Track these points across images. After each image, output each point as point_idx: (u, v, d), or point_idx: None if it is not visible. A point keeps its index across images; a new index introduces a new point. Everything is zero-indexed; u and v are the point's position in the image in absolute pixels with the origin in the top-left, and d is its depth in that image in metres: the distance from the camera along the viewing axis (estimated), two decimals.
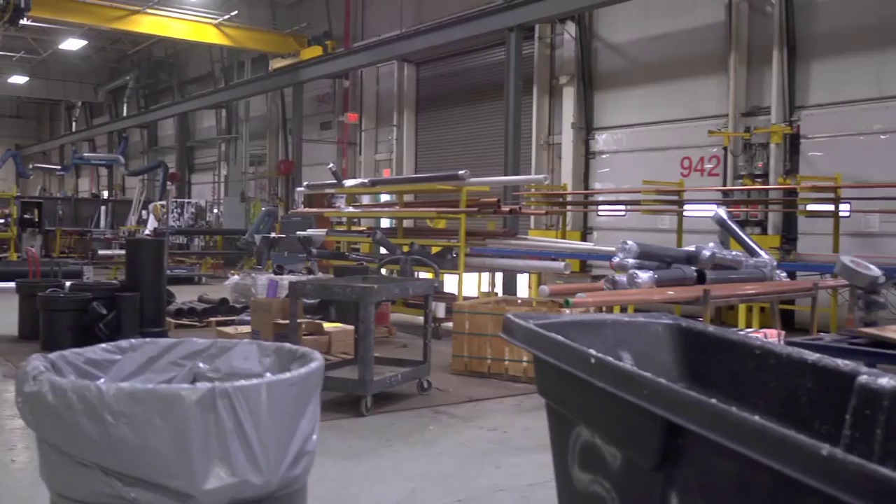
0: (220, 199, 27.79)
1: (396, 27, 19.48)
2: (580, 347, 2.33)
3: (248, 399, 1.72)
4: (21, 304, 9.39)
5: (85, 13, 20.57)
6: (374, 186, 11.49)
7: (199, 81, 30.28)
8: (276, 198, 24.63)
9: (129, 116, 33.64)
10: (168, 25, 21.58)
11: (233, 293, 11.53)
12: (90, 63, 34.04)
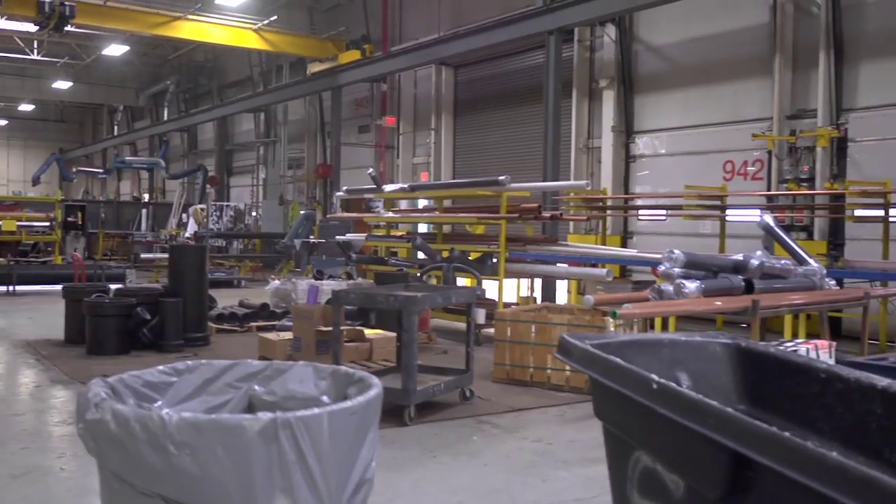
0: (258, 202, 28.02)
1: (434, 31, 19.48)
2: (641, 372, 2.28)
3: (309, 429, 1.70)
4: (67, 308, 9.52)
5: (127, 20, 20.87)
6: (414, 191, 11.48)
7: (238, 85, 30.56)
8: (313, 201, 24.75)
9: (170, 120, 34.06)
10: (208, 31, 21.81)
11: (273, 298, 11.58)
12: (132, 68, 34.53)
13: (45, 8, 18.27)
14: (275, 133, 27.98)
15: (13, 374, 7.89)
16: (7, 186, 47.10)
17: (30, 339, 9.72)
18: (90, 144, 44.97)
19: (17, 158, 48.38)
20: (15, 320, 11.56)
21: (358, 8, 22.61)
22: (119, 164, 33.61)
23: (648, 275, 12.24)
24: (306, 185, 25.92)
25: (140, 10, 21.03)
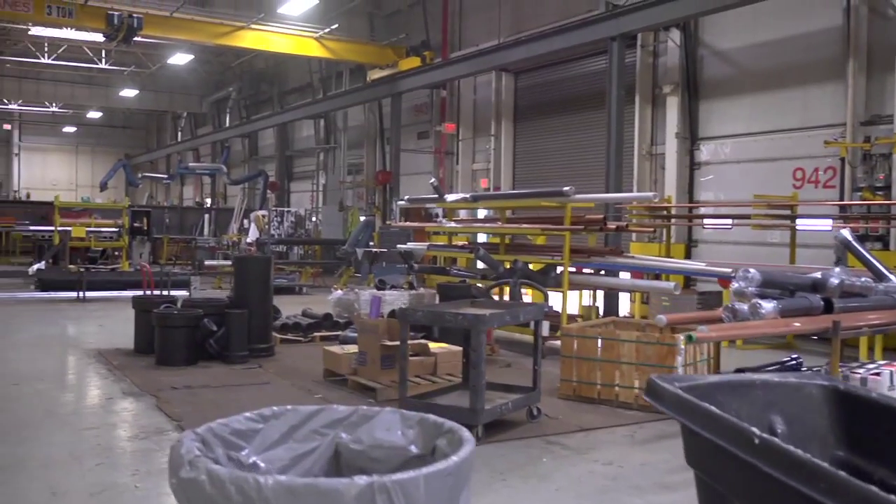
0: (318, 207, 28.28)
1: (494, 37, 19.42)
2: (741, 424, 2.18)
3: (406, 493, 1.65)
4: (137, 318, 9.70)
5: (192, 30, 21.27)
6: (476, 202, 11.42)
7: (298, 92, 30.92)
8: (373, 206, 24.88)
9: (232, 127, 34.63)
10: (270, 40, 22.11)
11: (335, 308, 11.63)
12: (195, 75, 35.21)
13: (115, 20, 18.75)
14: (334, 139, 28.22)
15: (86, 384, 8.06)
16: (76, 191, 48.48)
17: (100, 347, 9.92)
18: (155, 150, 46.00)
19: (85, 164, 49.77)
20: (86, 328, 11.83)
21: (418, 14, 22.66)
22: (182, 170, 34.23)
23: (714, 284, 11.99)
24: (365, 190, 26.06)
25: (204, 21, 21.42)
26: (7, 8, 18.70)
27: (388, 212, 22.43)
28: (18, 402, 6.99)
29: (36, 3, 18.88)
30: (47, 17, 19.25)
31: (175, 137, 44.29)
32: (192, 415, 6.61)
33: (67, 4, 19.10)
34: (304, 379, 8.22)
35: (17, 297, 15.56)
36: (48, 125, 46.95)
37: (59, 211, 20.51)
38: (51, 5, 18.94)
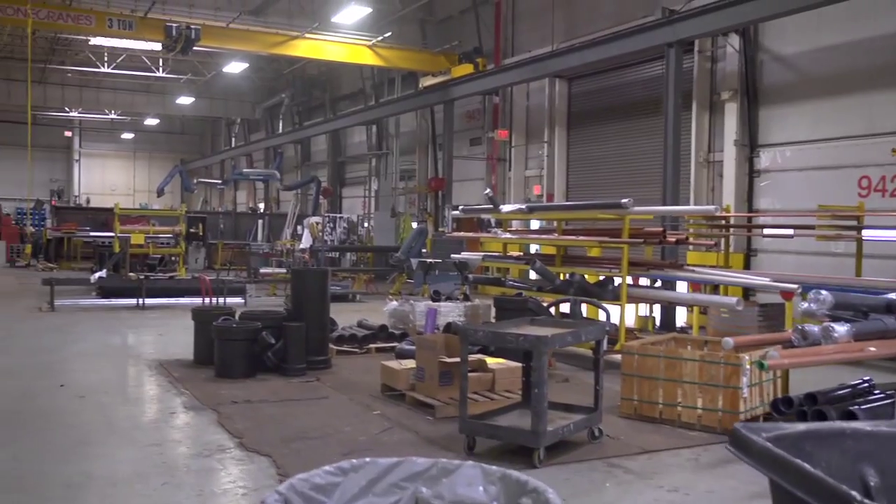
0: (370, 213, 28.43)
1: (548, 42, 19.29)
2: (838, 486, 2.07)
3: None
4: (196, 330, 9.82)
5: (248, 41, 21.58)
6: (532, 213, 11.32)
7: (350, 98, 31.13)
8: (424, 212, 24.92)
9: (285, 133, 35.02)
10: (324, 49, 22.31)
11: (390, 318, 11.64)
12: (249, 82, 35.70)
13: (173, 32, 19.11)
14: (386, 145, 28.35)
15: (148, 397, 8.17)
16: (133, 196, 49.55)
17: (161, 358, 10.07)
18: (209, 156, 46.76)
19: (142, 170, 50.83)
20: (146, 337, 12.02)
21: (470, 20, 22.64)
22: (237, 175, 34.77)
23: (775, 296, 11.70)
24: (417, 196, 26.12)
25: (260, 31, 21.73)
26: (70, 22, 19.21)
27: (441, 218, 22.44)
28: (84, 417, 7.11)
29: (98, 17, 19.35)
30: (108, 29, 19.72)
31: (229, 143, 44.97)
32: (253, 431, 6.65)
33: (128, 17, 19.55)
34: (361, 393, 8.22)
35: (80, 303, 15.87)
36: (107, 132, 48.07)
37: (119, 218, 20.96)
38: (112, 18, 19.40)
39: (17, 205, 42.55)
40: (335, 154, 32.19)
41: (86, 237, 28.40)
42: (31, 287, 19.40)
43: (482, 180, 22.69)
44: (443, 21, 24.73)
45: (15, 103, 36.48)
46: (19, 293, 18.40)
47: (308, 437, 6.54)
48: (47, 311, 14.76)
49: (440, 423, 7.06)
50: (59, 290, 15.61)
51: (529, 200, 20.74)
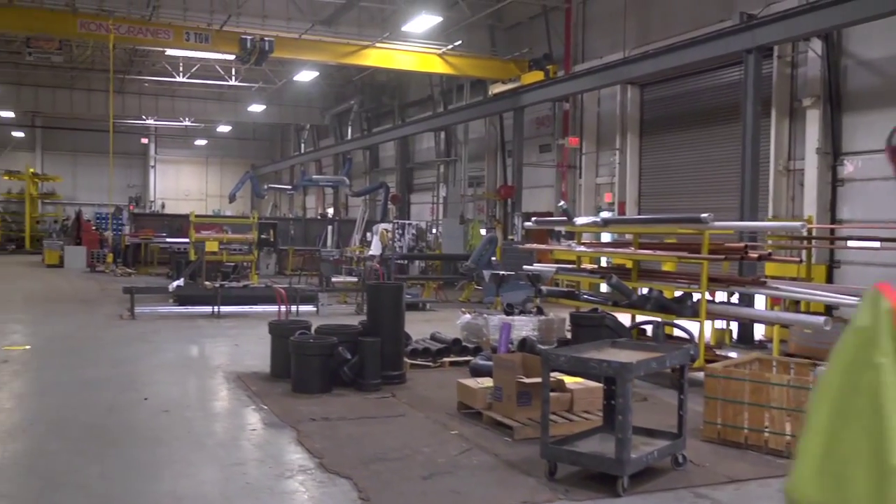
0: (438, 219, 28.47)
1: (619, 48, 19.04)
2: None
3: None
4: (273, 343, 9.95)
5: (320, 51, 21.85)
6: (607, 226, 11.15)
7: (419, 104, 31.25)
8: (493, 219, 24.85)
9: (354, 139, 35.32)
10: (394, 58, 22.45)
11: (463, 331, 11.62)
12: (318, 89, 36.13)
13: (248, 44, 19.46)
14: (455, 152, 28.36)
15: (229, 413, 8.29)
16: (206, 201, 50.70)
17: (238, 370, 10.22)
18: (279, 161, 47.47)
19: (214, 175, 51.96)
20: (223, 348, 12.22)
21: (539, 26, 22.51)
22: (306, 181, 35.17)
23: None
24: (486, 203, 26.06)
25: (331, 42, 21.98)
26: (150, 36, 19.75)
27: (510, 226, 22.34)
28: (169, 432, 7.24)
29: (175, 31, 19.85)
30: (186, 42, 20.21)
31: (298, 149, 45.60)
32: (333, 451, 6.69)
33: (204, 31, 19.99)
34: (437, 411, 8.20)
35: (158, 311, 16.25)
36: (181, 138, 49.27)
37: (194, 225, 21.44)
38: (189, 32, 19.87)
39: (95, 210, 43.95)
40: (403, 160, 32.33)
41: (162, 243, 29.12)
42: (112, 293, 19.96)
43: (552, 187, 22.52)
44: (512, 27, 24.63)
45: (95, 113, 37.69)
46: (101, 300, 18.94)
47: (387, 458, 6.54)
48: (128, 319, 15.14)
49: (519, 445, 6.99)
50: (139, 297, 15.99)
51: (600, 208, 20.51)
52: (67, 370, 10.15)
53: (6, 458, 6.48)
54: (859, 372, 1.44)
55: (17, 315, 16.02)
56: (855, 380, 1.44)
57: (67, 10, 19.72)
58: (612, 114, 20.01)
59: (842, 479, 1.39)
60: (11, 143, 46.30)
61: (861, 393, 1.43)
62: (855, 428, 1.41)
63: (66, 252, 31.09)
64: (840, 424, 1.42)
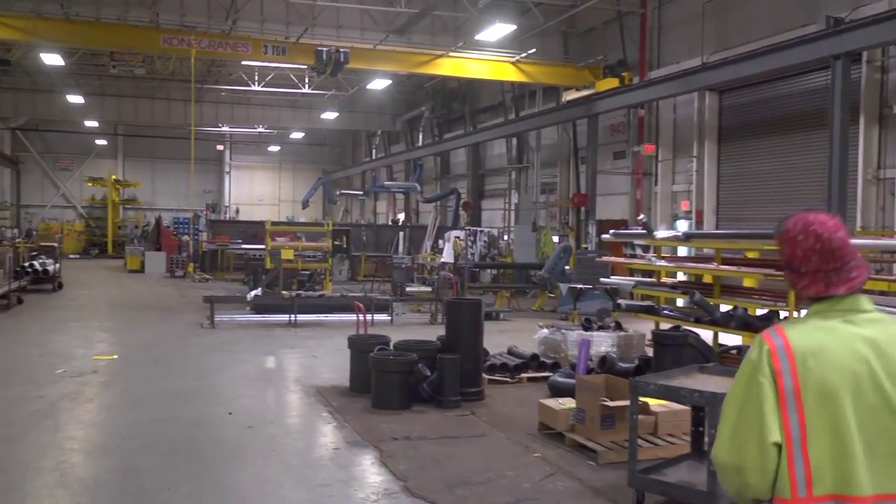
0: (509, 226, 28.36)
1: (697, 53, 18.63)
2: None
3: None
4: (353, 358, 10.03)
5: (394, 61, 22.02)
6: (689, 240, 10.90)
7: (490, 110, 31.17)
8: (566, 227, 24.62)
9: (425, 146, 35.43)
10: (468, 67, 22.46)
11: (541, 346, 11.52)
12: (389, 95, 36.37)
13: (323, 56, 19.71)
14: (527, 158, 28.20)
15: (312, 430, 8.37)
16: (279, 206, 51.54)
17: (318, 384, 10.34)
18: (350, 167, 47.94)
19: (287, 181, 52.79)
20: (302, 360, 12.38)
21: (614, 31, 22.21)
22: (378, 188, 35.47)
23: None
24: (558, 210, 25.84)
25: (405, 52, 22.10)
26: (229, 49, 20.20)
27: (584, 234, 22.10)
28: (255, 450, 7.35)
29: (254, 44, 20.25)
30: (264, 55, 20.60)
31: (369, 154, 45.99)
32: (416, 473, 6.69)
33: (281, 44, 20.33)
34: (518, 431, 8.14)
35: (237, 319, 16.58)
36: (255, 145, 50.20)
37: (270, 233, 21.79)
38: (266, 45, 20.25)
39: (173, 214, 45.17)
40: (475, 166, 32.28)
41: (238, 250, 29.72)
42: (192, 300, 20.48)
43: (626, 195, 22.20)
44: (585, 33, 24.37)
45: (174, 122, 38.72)
46: (181, 307, 19.42)
47: (471, 482, 6.51)
48: (208, 328, 15.47)
49: (603, 470, 6.89)
50: (217, 305, 16.31)
51: (677, 216, 20.12)
52: (154, 382, 10.41)
53: (101, 475, 6.67)
54: (751, 386, 2.28)
55: (104, 323, 16.55)
56: (748, 390, 2.29)
57: (151, 26, 20.30)
58: (689, 120, 19.59)
59: (741, 449, 2.27)
60: (95, 150, 47.91)
61: (752, 398, 2.27)
62: (748, 419, 2.27)
63: (147, 257, 32.04)
64: (741, 416, 2.29)
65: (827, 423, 2.20)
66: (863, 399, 2.22)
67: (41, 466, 6.80)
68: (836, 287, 2.35)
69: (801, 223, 2.41)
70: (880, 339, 2.28)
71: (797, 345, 2.25)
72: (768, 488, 2.23)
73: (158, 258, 31.61)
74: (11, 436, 7.68)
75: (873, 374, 2.24)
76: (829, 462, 2.18)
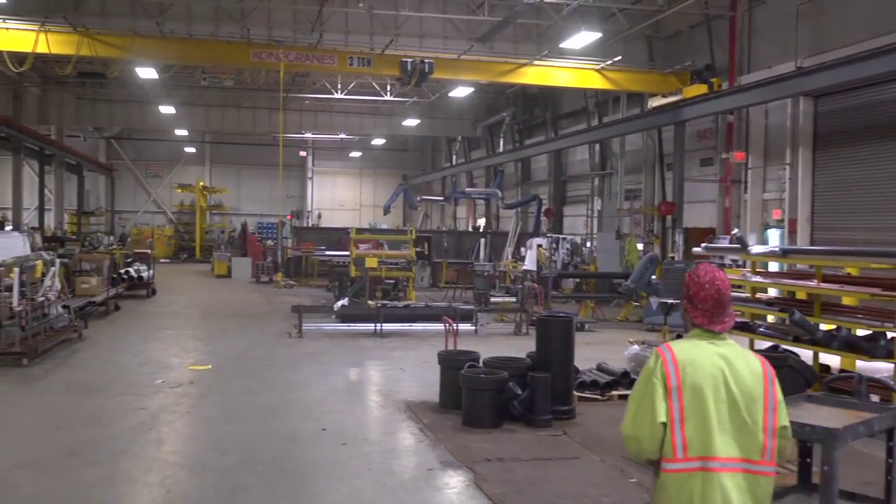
0: (592, 233, 28.03)
1: (790, 57, 18.05)
2: None
3: None
4: (442, 374, 10.06)
5: (478, 70, 22.05)
6: (785, 256, 10.55)
7: (572, 116, 30.89)
8: (651, 234, 24.21)
9: (506, 152, 35.31)
10: (552, 75, 22.32)
11: (631, 363, 11.32)
12: (470, 101, 36.39)
13: (408, 67, 19.87)
14: (610, 164, 27.84)
15: (405, 449, 8.38)
16: (359, 211, 52.22)
17: (408, 398, 10.40)
18: (430, 172, 48.20)
19: (368, 185, 53.42)
20: (390, 372, 12.46)
21: (701, 35, 21.73)
22: (459, 194, 35.54)
23: None
24: (643, 218, 25.41)
25: (488, 61, 22.09)
26: (316, 62, 20.56)
27: (671, 243, 21.67)
28: (351, 469, 7.42)
29: (340, 56, 20.56)
30: (349, 67, 20.90)
31: (449, 160, 46.13)
32: (512, 498, 6.66)
33: (367, 55, 20.58)
34: (612, 453, 8.00)
35: (323, 328, 16.81)
36: (337, 150, 50.96)
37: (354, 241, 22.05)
38: (352, 57, 20.55)
39: (257, 220, 46.24)
40: (557, 172, 32.01)
41: (322, 256, 30.19)
42: (278, 307, 20.93)
43: (714, 202, 21.69)
44: (671, 37, 23.92)
45: (259, 129, 39.64)
46: (269, 314, 19.84)
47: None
48: (296, 338, 15.73)
49: None
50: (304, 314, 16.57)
51: (768, 225, 19.56)
52: (247, 394, 10.64)
53: (205, 492, 6.82)
54: (647, 384, 3.26)
55: (196, 331, 17.02)
56: (646, 387, 3.26)
57: (242, 41, 20.82)
58: (781, 126, 19.00)
59: (640, 426, 3.22)
60: (183, 158, 49.44)
61: (648, 393, 3.24)
62: (645, 406, 3.23)
63: (234, 263, 32.88)
64: (640, 404, 3.26)
65: (696, 409, 3.22)
66: (718, 394, 3.25)
67: (149, 481, 7.01)
68: (715, 325, 3.37)
69: (709, 275, 3.44)
70: (730, 355, 3.32)
71: (680, 357, 3.28)
72: (656, 451, 3.23)
73: (245, 264, 32.40)
74: (118, 449, 7.94)
75: (725, 378, 3.27)
76: (697, 435, 3.20)
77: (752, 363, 3.33)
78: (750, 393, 3.26)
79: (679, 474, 3.18)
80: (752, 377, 3.29)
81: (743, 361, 3.31)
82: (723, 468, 3.17)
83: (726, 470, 3.18)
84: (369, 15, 21.90)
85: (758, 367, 3.33)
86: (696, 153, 22.44)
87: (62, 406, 9.86)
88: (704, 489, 3.16)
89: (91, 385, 10.98)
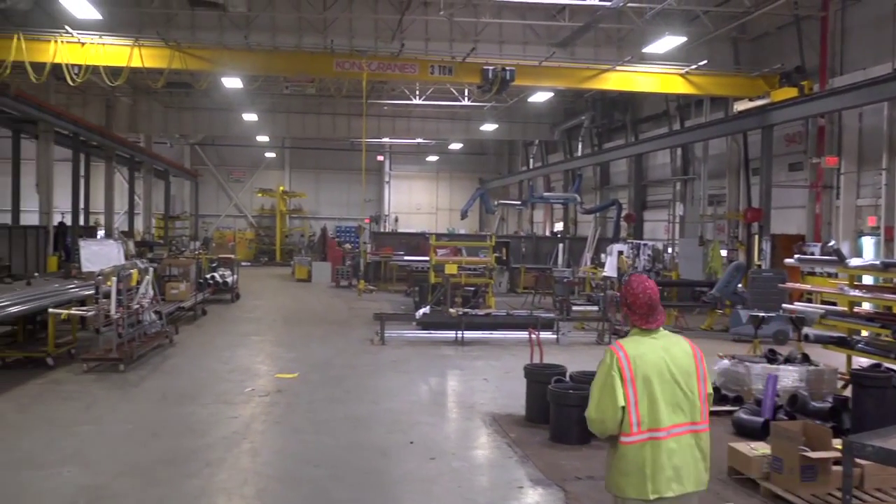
0: (674, 239, 27.50)
1: (887, 58, 17.42)
2: None
3: None
4: (528, 387, 10.01)
5: (559, 77, 21.89)
6: (887, 270, 10.13)
7: (653, 119, 30.40)
8: (735, 241, 23.63)
9: (584, 156, 34.96)
10: (635, 80, 22.00)
11: (720, 378, 11.06)
12: (548, 105, 36.10)
13: (489, 75, 19.86)
14: (693, 169, 27.28)
15: (493, 465, 8.34)
16: (436, 215, 52.46)
17: (493, 410, 10.37)
18: (507, 176, 48.05)
19: (444, 189, 53.61)
20: (473, 383, 12.44)
21: (789, 37, 21.12)
22: (536, 199, 35.32)
23: None
24: (727, 223, 24.81)
25: (570, 67, 21.91)
26: (398, 71, 20.73)
27: (756, 250, 21.10)
28: (441, 485, 7.44)
29: (421, 65, 20.69)
30: (430, 75, 21.02)
31: (526, 163, 45.92)
32: None
33: (448, 63, 20.65)
34: None
35: (405, 335, 16.89)
36: (413, 155, 51.31)
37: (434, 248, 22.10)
38: (433, 65, 20.65)
39: (336, 223, 46.86)
40: (637, 178, 31.52)
41: (400, 261, 30.39)
42: (359, 313, 21.19)
43: (802, 208, 21.04)
44: (757, 39, 23.31)
45: (339, 135, 40.20)
46: (350, 321, 20.07)
47: None
48: (378, 345, 15.87)
49: None
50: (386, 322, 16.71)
51: (862, 232, 18.87)
52: (334, 404, 10.76)
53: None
54: (607, 377, 4.13)
55: (281, 337, 17.34)
56: (606, 379, 4.14)
57: (325, 51, 21.15)
58: (877, 129, 18.30)
59: (604, 410, 4.12)
60: (264, 163, 50.52)
61: (608, 383, 4.12)
62: (606, 394, 4.11)
63: (314, 268, 33.40)
64: (602, 393, 4.14)
65: (646, 394, 4.08)
66: (664, 378, 4.12)
67: (244, 493, 7.16)
68: (650, 324, 4.24)
69: (641, 285, 4.30)
70: (667, 344, 4.23)
71: (630, 353, 4.15)
72: (616, 428, 4.09)
73: (324, 268, 32.88)
74: (214, 459, 8.13)
75: (667, 363, 4.15)
76: (647, 413, 4.08)
77: (684, 346, 4.27)
78: (687, 370, 4.18)
79: (633, 444, 4.08)
80: (686, 357, 4.22)
81: (678, 347, 4.25)
82: (668, 435, 4.09)
83: (671, 436, 4.09)
84: (449, 22, 21.97)
85: (689, 349, 4.27)
86: (783, 158, 21.80)
87: (158, 413, 10.15)
88: (654, 453, 4.06)
89: (184, 392, 11.29)
